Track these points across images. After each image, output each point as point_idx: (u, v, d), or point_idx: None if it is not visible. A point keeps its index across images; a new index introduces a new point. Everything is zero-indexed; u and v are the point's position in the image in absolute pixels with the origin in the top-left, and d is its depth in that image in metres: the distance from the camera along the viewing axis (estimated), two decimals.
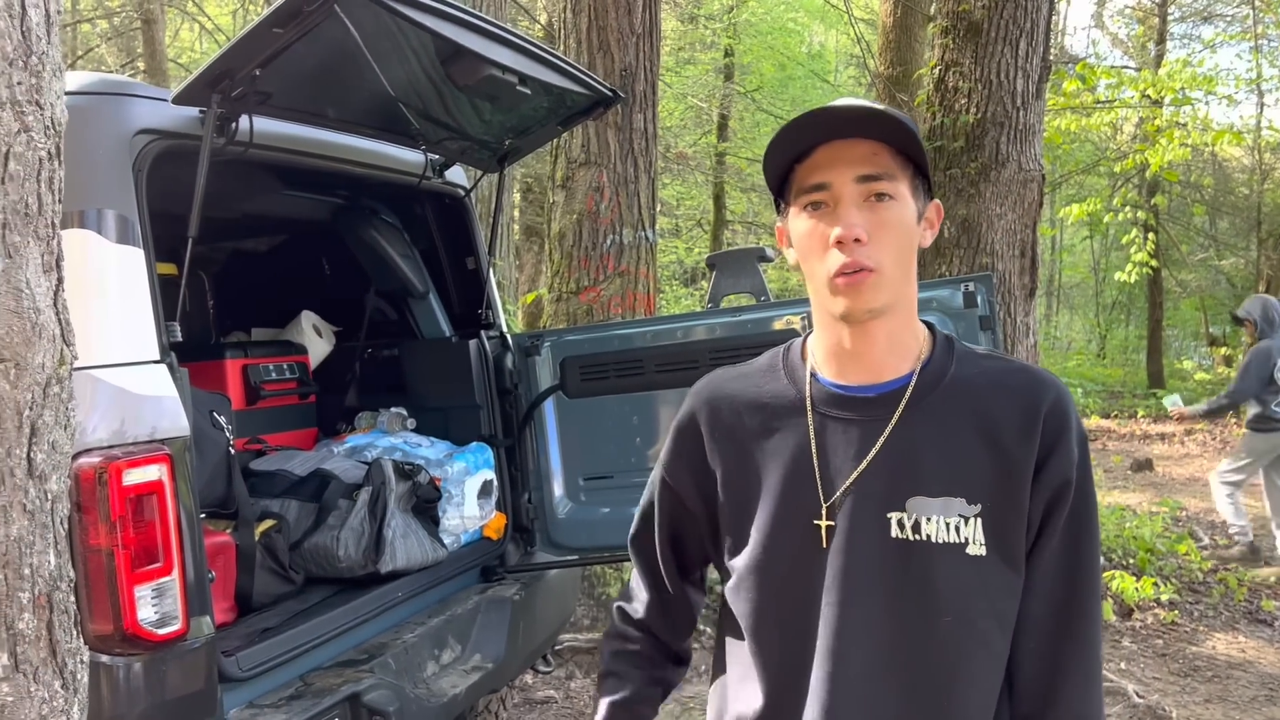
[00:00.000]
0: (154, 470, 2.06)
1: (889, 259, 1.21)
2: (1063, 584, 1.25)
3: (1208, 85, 9.96)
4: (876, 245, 1.20)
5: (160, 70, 12.54)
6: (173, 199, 2.43)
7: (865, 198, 1.21)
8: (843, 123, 1.20)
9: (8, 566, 1.28)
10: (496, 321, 3.60)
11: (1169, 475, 10.18)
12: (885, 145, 1.22)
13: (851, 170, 1.21)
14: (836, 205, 1.21)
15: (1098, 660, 1.28)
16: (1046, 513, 1.24)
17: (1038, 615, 1.25)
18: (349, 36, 2.28)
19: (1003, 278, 5.28)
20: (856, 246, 1.19)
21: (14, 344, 1.28)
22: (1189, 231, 18.87)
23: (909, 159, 1.24)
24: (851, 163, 1.21)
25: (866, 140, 1.21)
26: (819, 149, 1.22)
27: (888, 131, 1.21)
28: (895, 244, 1.22)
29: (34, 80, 1.31)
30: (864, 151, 1.21)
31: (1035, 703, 1.27)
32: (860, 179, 1.21)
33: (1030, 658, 1.26)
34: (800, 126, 1.21)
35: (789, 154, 1.24)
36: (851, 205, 1.21)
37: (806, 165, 1.23)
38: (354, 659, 2.66)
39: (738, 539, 1.33)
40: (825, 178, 1.21)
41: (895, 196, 1.22)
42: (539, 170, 11.21)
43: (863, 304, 1.21)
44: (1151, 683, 4.60)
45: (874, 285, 1.20)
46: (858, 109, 1.21)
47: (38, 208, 1.33)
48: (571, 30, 5.17)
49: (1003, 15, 5.36)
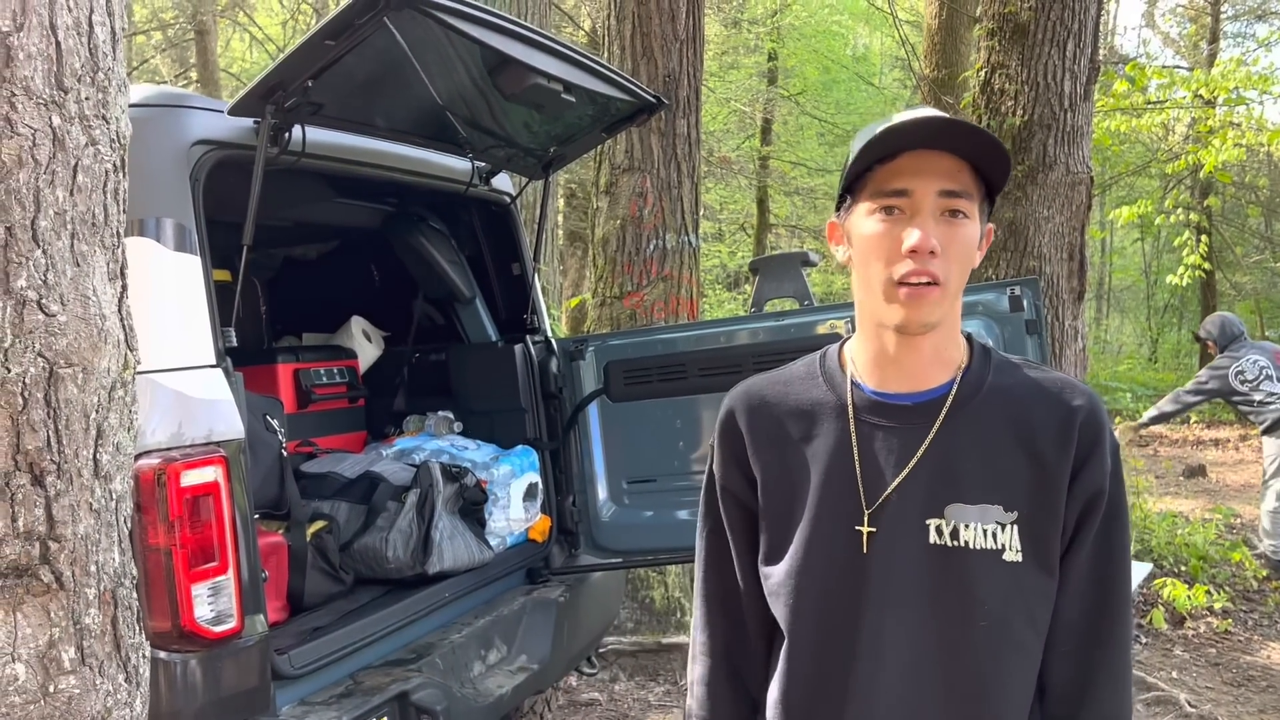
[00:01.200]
0: (210, 472, 2.12)
1: (954, 275, 1.22)
2: (1096, 589, 1.27)
3: (1263, 85, 9.73)
4: (946, 260, 1.21)
5: (213, 79, 12.80)
6: (228, 207, 2.50)
7: (942, 211, 1.21)
8: (938, 133, 1.20)
9: (75, 564, 1.33)
10: (541, 326, 3.64)
11: (1222, 481, 9.99)
12: (968, 164, 1.22)
13: (936, 182, 1.21)
14: (914, 214, 1.21)
15: (1129, 663, 1.30)
16: (1081, 519, 1.26)
17: (1071, 619, 1.27)
18: (398, 48, 2.33)
19: (1050, 281, 5.23)
20: (930, 258, 1.20)
21: (81, 349, 1.33)
22: (1244, 233, 18.47)
23: (984, 181, 1.25)
24: (937, 175, 1.21)
25: (952, 155, 1.21)
26: (905, 154, 1.22)
27: (982, 152, 1.21)
28: (961, 261, 1.23)
29: (101, 95, 1.36)
30: (949, 166, 1.21)
31: (1067, 705, 1.28)
32: (943, 193, 1.21)
33: (1062, 660, 1.28)
34: (896, 130, 1.21)
35: (876, 153, 1.23)
36: (929, 216, 1.21)
37: (890, 168, 1.23)
38: (403, 658, 2.70)
39: (778, 543, 1.34)
40: (909, 184, 1.21)
41: (969, 215, 1.23)
42: (583, 176, 11.28)
43: (920, 316, 1.22)
44: (1204, 692, 4.52)
45: (937, 300, 1.22)
46: (956, 122, 1.20)
47: (104, 218, 1.38)
48: (615, 37, 5.20)
49: (1050, 16, 5.31)
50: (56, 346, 1.30)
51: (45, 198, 1.28)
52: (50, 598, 1.31)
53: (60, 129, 1.30)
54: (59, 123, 1.30)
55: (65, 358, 1.31)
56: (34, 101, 1.27)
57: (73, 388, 1.32)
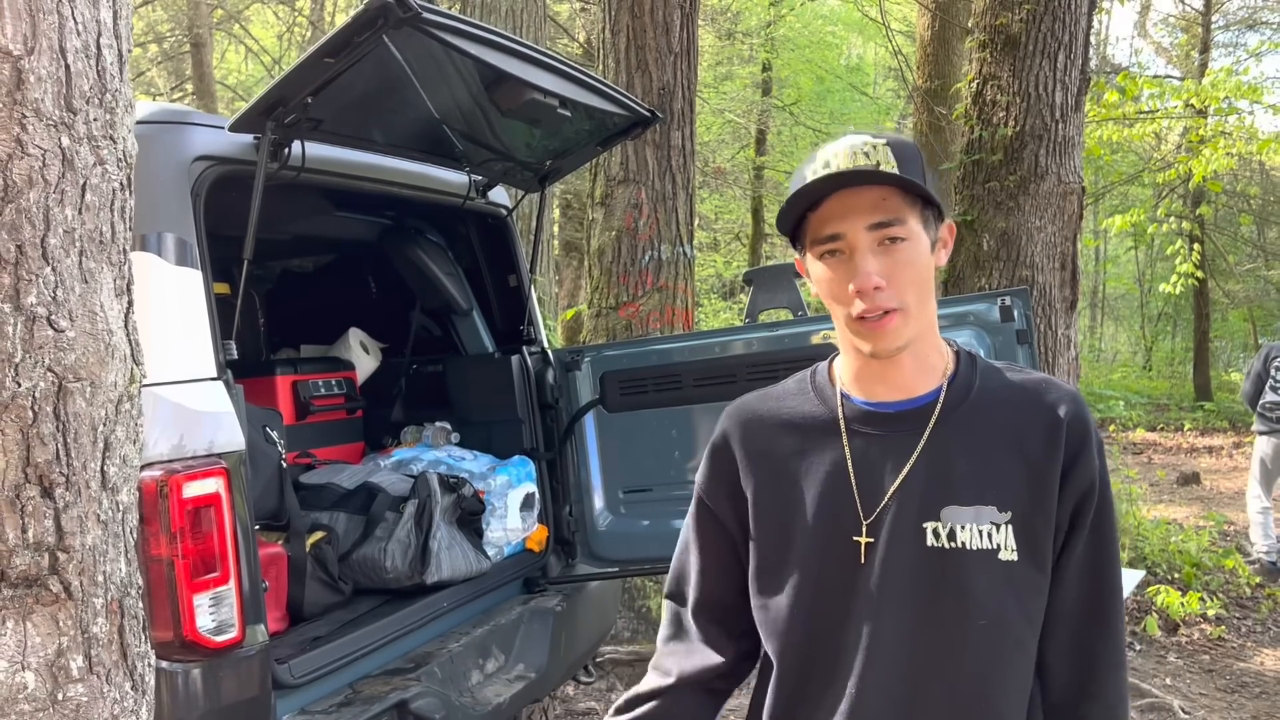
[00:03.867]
0: (212, 483, 2.15)
1: (909, 297, 1.25)
2: (1091, 580, 1.31)
3: (1253, 94, 9.81)
4: (895, 286, 1.23)
5: (209, 92, 12.84)
6: (228, 221, 2.53)
7: (879, 242, 1.23)
8: (846, 179, 1.23)
9: (84, 574, 1.36)
10: (538, 337, 3.67)
11: (1216, 489, 10.02)
12: (896, 188, 1.24)
13: (862, 219, 1.23)
14: (852, 254, 1.24)
15: (1124, 650, 1.34)
16: (1075, 515, 1.29)
17: (1068, 611, 1.31)
18: (397, 64, 2.37)
19: (1043, 291, 5.27)
20: (876, 293, 1.22)
21: (89, 364, 1.36)
22: (1236, 241, 18.55)
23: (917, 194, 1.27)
24: (861, 211, 1.23)
25: (874, 185, 1.24)
26: (829, 199, 1.24)
27: (888, 182, 1.23)
28: (914, 281, 1.25)
29: (108, 116, 1.39)
30: (872, 198, 1.23)
31: (1069, 693, 1.32)
32: (871, 227, 1.23)
33: (1062, 651, 1.31)
34: (806, 189, 1.24)
35: (800, 206, 1.26)
36: (867, 253, 1.23)
37: (819, 215, 1.25)
38: (401, 667, 2.73)
39: (773, 557, 1.36)
40: (838, 228, 1.24)
41: (907, 237, 1.24)
42: (578, 187, 11.32)
43: (887, 344, 1.25)
44: (1198, 699, 4.55)
45: (898, 326, 1.24)
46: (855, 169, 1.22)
47: (111, 235, 1.41)
48: (610, 50, 5.25)
49: (1040, 28, 5.36)
50: (65, 361, 1.33)
51: (55, 216, 1.32)
52: (59, 607, 1.34)
53: (69, 149, 1.33)
54: (68, 143, 1.33)
55: (74, 372, 1.34)
56: (44, 123, 1.30)
57: (81, 401, 1.35)
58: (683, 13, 5.22)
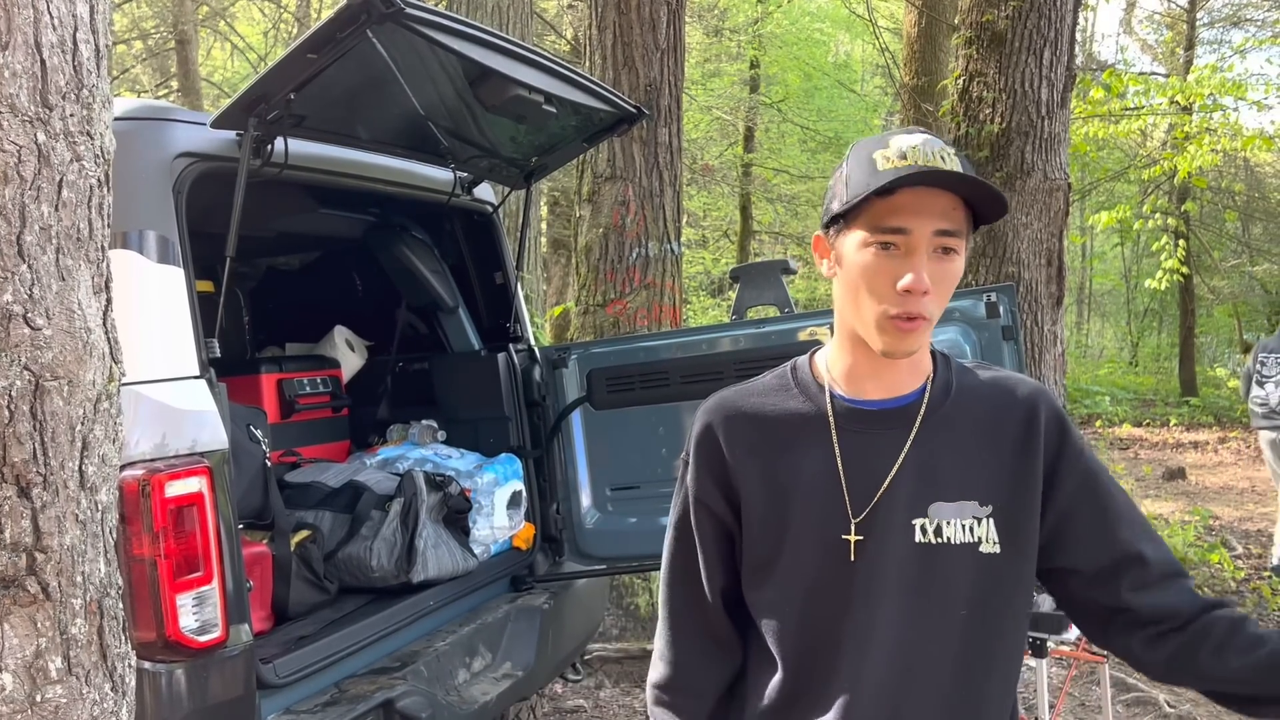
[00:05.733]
0: (194, 482, 2.13)
1: (939, 309, 1.26)
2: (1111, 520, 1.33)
3: (1237, 91, 9.85)
4: (936, 297, 1.24)
5: (194, 89, 12.77)
6: (210, 219, 2.51)
7: (935, 249, 1.23)
8: (939, 175, 1.21)
9: (62, 574, 1.34)
10: (524, 335, 3.66)
11: (1202, 484, 10.08)
12: (962, 200, 1.24)
13: (933, 222, 1.22)
14: (910, 253, 1.22)
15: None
16: (1076, 497, 1.32)
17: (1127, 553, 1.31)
18: (380, 60, 2.36)
19: (1029, 287, 5.28)
20: (923, 298, 1.22)
21: (67, 362, 1.34)
22: (1221, 238, 18.66)
23: (973, 215, 1.26)
24: (934, 214, 1.22)
25: (949, 193, 1.23)
26: (905, 191, 1.22)
27: (980, 195, 1.23)
28: (948, 295, 1.26)
29: (85, 112, 1.38)
30: (945, 204, 1.22)
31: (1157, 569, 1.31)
32: (938, 232, 1.22)
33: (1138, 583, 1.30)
34: (897, 168, 1.21)
35: (872, 185, 1.22)
36: (924, 254, 1.22)
37: (889, 204, 1.22)
38: (387, 666, 2.71)
39: (764, 555, 1.35)
40: (907, 223, 1.22)
41: (959, 252, 1.25)
42: (566, 184, 11.31)
43: (906, 347, 1.26)
44: (1183, 693, 4.57)
45: (922, 332, 1.25)
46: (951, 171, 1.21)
47: (89, 232, 1.39)
48: (597, 47, 5.24)
49: (1026, 25, 5.37)
50: (42, 360, 1.31)
51: (30, 213, 1.30)
52: (37, 608, 1.32)
53: (45, 145, 1.32)
54: (44, 139, 1.31)
55: (51, 371, 1.32)
56: (19, 118, 1.29)
57: (58, 400, 1.33)
58: (669, 9, 5.21)
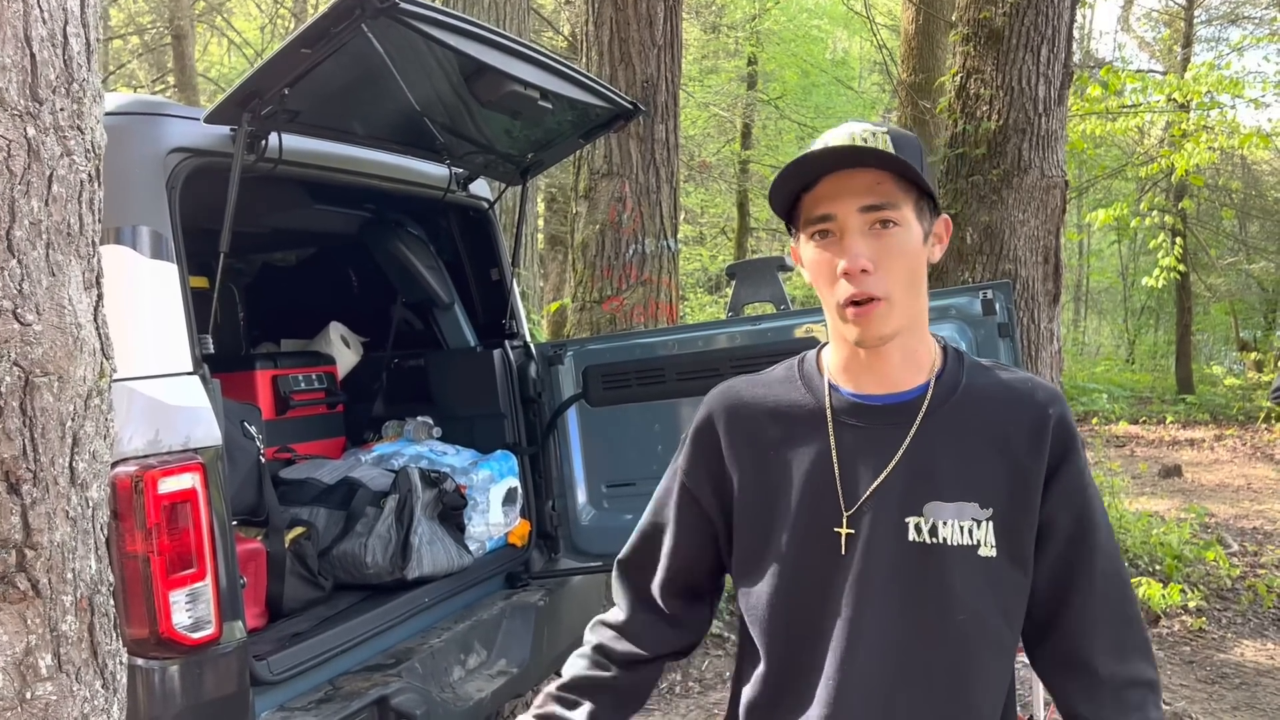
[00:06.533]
0: (188, 479, 2.13)
1: (898, 286, 1.24)
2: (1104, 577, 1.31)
3: (1234, 88, 9.85)
4: (884, 273, 1.22)
5: (190, 84, 12.74)
6: (205, 214, 2.50)
7: (870, 225, 1.23)
8: (843, 156, 1.22)
9: (52, 571, 1.34)
10: (520, 331, 3.65)
11: (1198, 481, 10.08)
12: (889, 173, 1.24)
13: (855, 200, 1.23)
14: (842, 236, 1.24)
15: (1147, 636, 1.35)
16: (1062, 512, 1.30)
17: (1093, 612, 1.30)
18: (375, 55, 2.35)
19: (1025, 284, 5.28)
20: (864, 276, 1.22)
21: (57, 358, 1.33)
22: (1218, 235, 18.67)
23: (913, 182, 1.26)
24: (855, 193, 1.23)
25: (870, 169, 1.23)
26: (823, 180, 1.24)
27: (885, 163, 1.22)
28: (903, 270, 1.24)
29: (75, 106, 1.37)
30: (867, 181, 1.23)
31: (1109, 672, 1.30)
32: (864, 209, 1.23)
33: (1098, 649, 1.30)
34: (803, 162, 1.23)
35: (794, 186, 1.26)
36: (857, 235, 1.23)
37: (812, 196, 1.25)
38: (382, 663, 2.71)
39: (755, 545, 1.35)
40: (830, 209, 1.24)
41: (900, 223, 1.24)
42: (563, 180, 11.29)
43: (872, 332, 1.24)
44: (1178, 690, 4.58)
45: (884, 314, 1.23)
46: (854, 146, 1.22)
47: (79, 227, 1.38)
48: (594, 43, 5.23)
49: (1024, 22, 5.38)
50: (32, 355, 1.30)
51: (20, 208, 1.29)
52: (27, 605, 1.31)
53: (35, 140, 1.31)
54: (34, 133, 1.31)
55: (41, 366, 1.31)
56: (8, 112, 1.28)
57: (49, 396, 1.32)
58: (666, 6, 5.20)
